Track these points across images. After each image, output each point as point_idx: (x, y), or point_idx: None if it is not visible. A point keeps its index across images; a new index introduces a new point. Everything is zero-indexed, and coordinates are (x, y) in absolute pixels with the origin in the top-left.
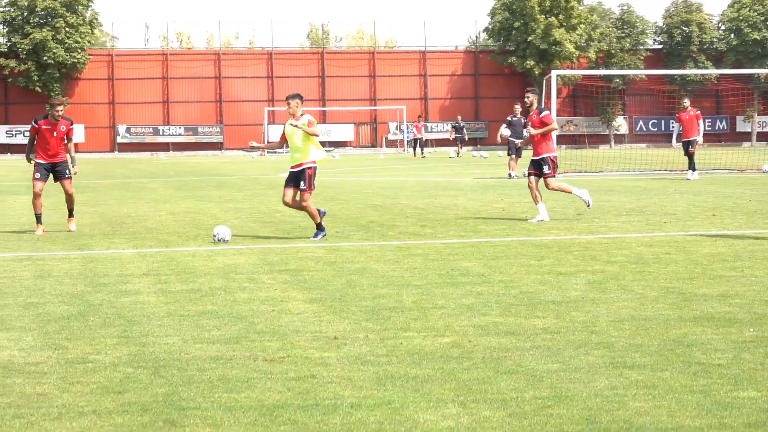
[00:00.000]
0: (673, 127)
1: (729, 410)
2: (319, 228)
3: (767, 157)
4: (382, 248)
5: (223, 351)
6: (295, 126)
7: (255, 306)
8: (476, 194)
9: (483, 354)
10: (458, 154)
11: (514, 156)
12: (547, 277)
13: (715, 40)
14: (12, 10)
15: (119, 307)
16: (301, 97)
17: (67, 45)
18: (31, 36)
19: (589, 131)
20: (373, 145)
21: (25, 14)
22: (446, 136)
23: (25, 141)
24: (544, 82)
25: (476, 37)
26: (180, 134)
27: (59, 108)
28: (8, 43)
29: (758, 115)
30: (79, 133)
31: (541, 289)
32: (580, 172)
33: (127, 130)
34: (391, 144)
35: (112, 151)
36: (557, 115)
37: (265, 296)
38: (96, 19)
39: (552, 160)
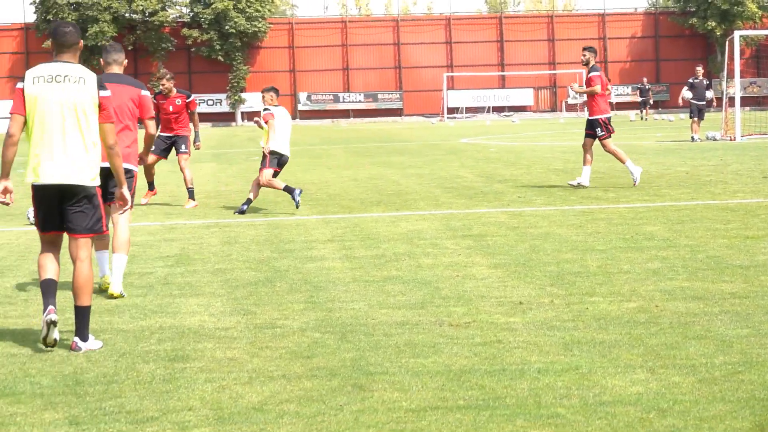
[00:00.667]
0: None
1: None
2: (246, 203)
3: None
4: (565, 213)
5: (409, 316)
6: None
7: (439, 271)
8: (659, 158)
9: (670, 319)
10: (643, 117)
11: (696, 118)
12: (734, 241)
13: None
14: None
15: (305, 272)
16: (276, 91)
17: (248, 14)
18: (213, 6)
19: None
20: (553, 110)
21: None
22: (627, 99)
23: (208, 110)
24: (727, 43)
25: None
26: (360, 101)
27: (162, 82)
28: (191, 14)
29: None
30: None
31: (728, 253)
32: (765, 134)
33: (308, 97)
34: (571, 108)
35: (293, 118)
36: (740, 77)
37: (449, 261)
38: None
39: (603, 122)
